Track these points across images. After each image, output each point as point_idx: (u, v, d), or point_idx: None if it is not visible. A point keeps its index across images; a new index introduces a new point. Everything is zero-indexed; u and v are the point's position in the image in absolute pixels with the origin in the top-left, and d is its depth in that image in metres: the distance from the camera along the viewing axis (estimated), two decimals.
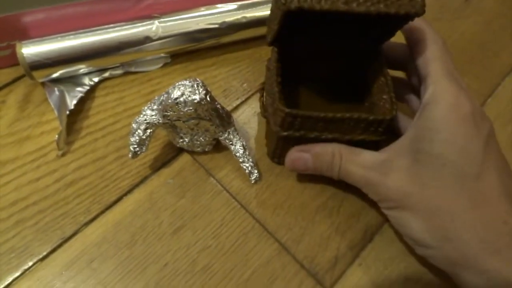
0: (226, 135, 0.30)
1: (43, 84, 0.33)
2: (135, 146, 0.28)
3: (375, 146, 0.29)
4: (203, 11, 0.34)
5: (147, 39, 0.33)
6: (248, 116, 0.34)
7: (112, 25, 0.33)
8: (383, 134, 0.27)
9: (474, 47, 0.40)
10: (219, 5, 0.35)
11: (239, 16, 0.35)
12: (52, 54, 0.32)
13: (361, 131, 0.27)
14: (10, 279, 0.26)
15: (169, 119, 0.27)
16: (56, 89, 0.33)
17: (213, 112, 0.27)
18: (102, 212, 0.29)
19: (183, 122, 0.28)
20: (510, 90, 0.37)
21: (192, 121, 0.28)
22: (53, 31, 0.33)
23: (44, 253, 0.27)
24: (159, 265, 0.27)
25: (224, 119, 0.29)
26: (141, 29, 0.33)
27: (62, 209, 0.29)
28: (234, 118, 0.30)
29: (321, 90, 0.33)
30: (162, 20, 0.34)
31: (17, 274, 0.26)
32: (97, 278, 0.26)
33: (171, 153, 0.31)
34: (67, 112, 0.31)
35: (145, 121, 0.28)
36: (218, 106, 0.28)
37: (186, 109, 0.26)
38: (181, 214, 0.29)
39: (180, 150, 0.32)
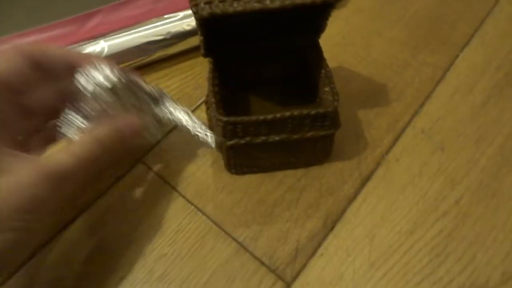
0: (162, 107, 0.28)
1: None
2: None
3: (329, 141, 0.29)
4: (147, 24, 0.35)
5: None
6: (203, 120, 0.34)
7: None
8: (331, 128, 0.27)
9: (429, 22, 0.40)
10: (165, 16, 0.35)
11: (183, 25, 0.35)
12: None
13: (308, 128, 0.26)
14: None
15: (93, 113, 0.25)
16: None
17: (135, 88, 0.26)
18: (59, 231, 0.29)
19: (107, 111, 0.25)
20: (469, 61, 0.36)
21: (118, 107, 0.25)
22: None
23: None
24: (116, 279, 0.27)
25: (153, 94, 0.28)
26: (88, 50, 0.34)
27: None
28: (167, 94, 0.29)
29: (273, 93, 0.32)
30: (107, 38, 0.34)
31: None
32: None
33: (126, 166, 0.31)
34: None
35: (70, 130, 0.25)
36: (135, 80, 0.27)
37: (105, 98, 0.24)
38: (137, 225, 0.29)
39: (135, 162, 0.32)
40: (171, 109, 0.28)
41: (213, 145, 0.28)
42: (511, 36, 0.38)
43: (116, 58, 0.34)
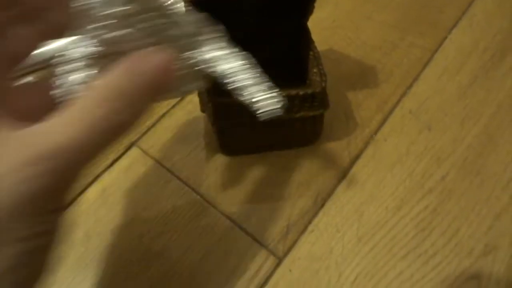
0: (204, 50, 0.17)
1: None
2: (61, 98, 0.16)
3: (319, 122, 0.30)
4: None
5: None
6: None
7: None
8: (320, 108, 0.28)
9: (418, 5, 0.40)
10: None
11: None
12: None
13: (297, 109, 0.27)
14: None
15: (102, 44, 0.16)
16: None
17: (152, 8, 0.16)
18: None
19: (130, 35, 0.16)
20: (457, 43, 0.37)
21: (135, 34, 0.16)
22: None
23: None
24: (113, 257, 0.27)
25: (192, 24, 0.17)
26: None
27: None
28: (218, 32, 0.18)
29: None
30: None
31: None
32: (54, 275, 0.27)
33: (121, 149, 0.32)
34: None
35: (70, 60, 0.16)
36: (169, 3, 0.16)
37: (113, 15, 0.15)
38: (134, 206, 0.29)
39: (130, 145, 0.32)
40: (225, 53, 0.18)
41: (280, 110, 0.17)
42: (498, 18, 0.38)
43: None
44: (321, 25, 0.39)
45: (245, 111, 0.25)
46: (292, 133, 0.30)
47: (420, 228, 0.28)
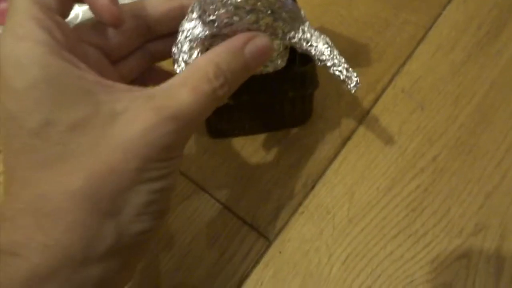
0: (300, 34, 0.22)
1: None
2: None
3: (309, 102, 0.29)
4: None
5: None
6: None
7: None
8: (310, 87, 0.27)
9: None
10: None
11: None
12: None
13: (287, 88, 0.26)
14: None
15: (216, 26, 0.20)
16: None
17: (273, 2, 0.20)
18: None
19: (236, 25, 0.20)
20: (451, 19, 0.36)
21: (249, 17, 0.19)
22: None
23: None
24: None
25: (291, 10, 0.21)
26: None
27: None
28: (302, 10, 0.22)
29: None
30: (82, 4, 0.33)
31: None
32: None
33: None
34: None
35: (187, 39, 0.20)
36: None
37: (234, 5, 0.19)
38: None
39: None
40: (308, 35, 0.21)
41: (355, 88, 0.22)
42: None
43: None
44: (313, 2, 0.37)
45: (235, 91, 0.24)
46: (282, 114, 0.29)
47: (411, 208, 0.27)
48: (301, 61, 0.25)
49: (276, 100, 0.27)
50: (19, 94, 0.16)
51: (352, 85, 0.22)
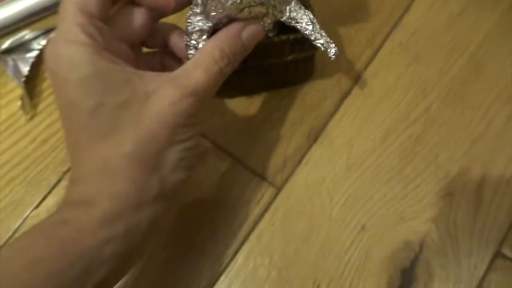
0: (287, 14, 0.26)
1: None
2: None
3: (310, 62, 0.31)
4: None
5: None
6: None
7: None
8: (311, 49, 0.28)
9: None
10: None
11: None
12: None
13: (288, 52, 0.28)
14: (15, 227, 0.31)
15: (218, 19, 0.24)
16: (9, 59, 0.35)
17: None
18: None
19: (235, 16, 0.24)
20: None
21: (243, 12, 0.24)
22: None
23: (37, 202, 0.32)
24: None
25: None
26: None
27: (43, 164, 0.33)
28: None
29: None
30: None
31: (19, 222, 0.31)
32: None
33: None
34: (23, 79, 0.34)
35: (194, 30, 0.25)
36: None
37: (229, 3, 0.23)
38: None
39: None
40: (294, 14, 0.26)
41: (334, 56, 0.26)
42: None
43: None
44: None
45: (244, 58, 0.26)
46: (285, 74, 0.31)
47: (403, 155, 0.31)
48: None
49: (279, 63, 0.29)
50: (75, 84, 0.20)
51: (331, 54, 0.26)
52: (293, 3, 0.26)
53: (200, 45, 0.25)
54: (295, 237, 0.29)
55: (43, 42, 0.36)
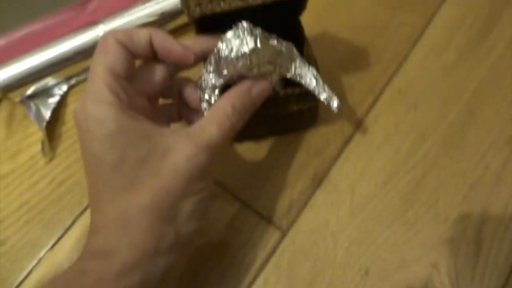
0: (292, 71, 0.28)
1: (21, 101, 0.38)
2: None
3: (314, 111, 0.33)
4: (140, 6, 0.37)
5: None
6: None
7: (64, 36, 0.37)
8: (315, 100, 0.30)
9: None
10: None
11: (175, 3, 0.38)
12: (21, 75, 0.36)
13: (293, 104, 0.30)
14: (29, 268, 0.32)
15: (229, 77, 0.26)
16: (32, 104, 0.37)
17: (270, 55, 0.26)
18: None
19: (244, 74, 0.26)
20: (445, 19, 0.39)
21: (252, 71, 0.26)
22: (16, 53, 0.37)
23: (52, 243, 0.33)
24: None
25: (285, 54, 0.27)
26: (89, 36, 0.36)
27: (59, 205, 0.34)
28: (295, 49, 0.28)
29: None
30: (106, 23, 0.37)
31: (34, 262, 0.32)
32: None
33: None
34: (44, 124, 0.36)
35: (207, 86, 0.27)
36: (274, 43, 0.26)
37: (240, 64, 0.25)
38: None
39: None
40: (299, 70, 0.27)
41: (337, 109, 0.28)
42: None
43: None
44: (317, 7, 0.40)
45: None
46: (291, 122, 0.33)
47: (404, 200, 0.32)
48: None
49: (285, 113, 0.31)
50: (100, 140, 0.22)
51: (334, 107, 0.28)
52: (298, 61, 0.28)
53: (213, 99, 0.27)
54: (300, 281, 0.30)
55: (64, 88, 0.38)
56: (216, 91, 0.27)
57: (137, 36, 0.25)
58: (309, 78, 0.28)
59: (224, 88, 0.27)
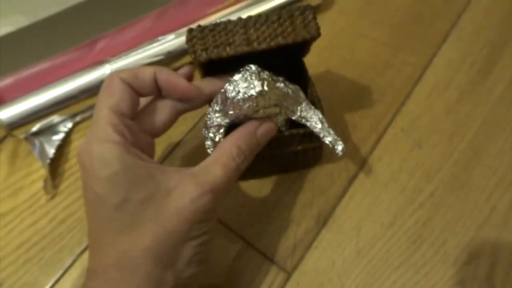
0: (298, 113, 0.28)
1: (25, 138, 0.38)
2: (212, 150, 0.27)
3: (318, 150, 0.33)
4: (147, 46, 0.38)
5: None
6: None
7: (71, 75, 0.37)
8: (318, 141, 0.30)
9: (409, 20, 0.42)
10: (160, 38, 0.38)
11: (180, 43, 0.38)
12: (27, 113, 0.36)
13: (298, 143, 0.30)
14: None
15: (235, 117, 0.27)
16: (36, 141, 0.37)
17: (277, 97, 0.26)
18: None
19: (250, 115, 0.26)
20: (446, 58, 0.39)
21: (258, 113, 0.26)
22: (24, 91, 0.37)
23: (51, 284, 0.32)
24: None
25: (291, 97, 0.27)
26: (95, 75, 0.37)
27: (59, 244, 0.34)
28: (302, 92, 0.29)
29: None
30: (112, 62, 0.38)
31: None
32: None
33: None
34: (48, 161, 0.36)
35: (213, 125, 0.27)
36: (281, 86, 0.27)
37: (246, 105, 0.25)
38: None
39: None
40: (305, 113, 0.28)
41: (341, 153, 0.28)
42: (485, 31, 0.40)
43: None
44: (319, 46, 0.40)
45: None
46: (295, 160, 0.33)
47: (411, 240, 0.31)
48: None
49: (289, 152, 0.31)
50: (104, 181, 0.22)
51: (338, 151, 0.28)
52: (304, 104, 0.28)
53: (217, 138, 0.27)
54: None
55: (69, 125, 0.39)
56: (221, 130, 0.27)
57: (142, 74, 0.25)
58: (315, 121, 0.28)
59: (229, 128, 0.27)
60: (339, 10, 0.44)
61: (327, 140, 0.28)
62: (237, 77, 0.26)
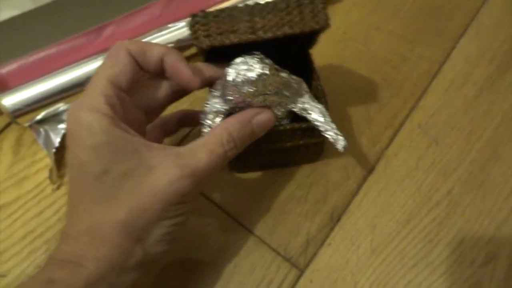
0: (300, 105, 0.27)
1: (30, 126, 0.37)
2: None
3: (320, 145, 0.32)
4: (156, 33, 0.37)
5: None
6: None
7: (78, 62, 0.36)
8: (320, 136, 0.29)
9: (426, 14, 0.41)
10: (170, 25, 0.37)
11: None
12: (31, 100, 0.35)
13: (299, 138, 0.29)
14: None
15: (234, 103, 0.26)
16: (41, 129, 0.36)
17: (278, 85, 0.25)
18: None
19: (250, 102, 0.26)
20: (464, 53, 0.38)
21: (258, 99, 0.25)
22: (28, 77, 0.36)
23: None
24: None
25: (293, 88, 0.27)
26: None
27: None
28: (305, 84, 0.28)
29: None
30: None
31: None
32: None
33: None
34: (53, 150, 0.35)
35: (211, 111, 0.26)
36: (283, 75, 0.26)
37: (245, 89, 0.24)
38: None
39: None
40: (307, 105, 0.27)
41: (343, 149, 0.26)
42: (505, 26, 0.39)
43: None
44: (333, 38, 0.40)
45: (255, 141, 0.28)
46: (296, 155, 0.32)
47: (428, 239, 0.30)
48: None
49: (290, 146, 0.30)
50: (88, 149, 0.22)
51: (339, 146, 0.27)
52: (306, 96, 0.27)
53: (214, 124, 0.26)
54: None
55: None
56: (219, 117, 0.26)
57: (150, 51, 0.25)
58: (317, 114, 0.27)
59: (227, 115, 0.26)
60: (354, 1, 0.43)
61: (328, 134, 0.27)
62: (238, 60, 0.25)
